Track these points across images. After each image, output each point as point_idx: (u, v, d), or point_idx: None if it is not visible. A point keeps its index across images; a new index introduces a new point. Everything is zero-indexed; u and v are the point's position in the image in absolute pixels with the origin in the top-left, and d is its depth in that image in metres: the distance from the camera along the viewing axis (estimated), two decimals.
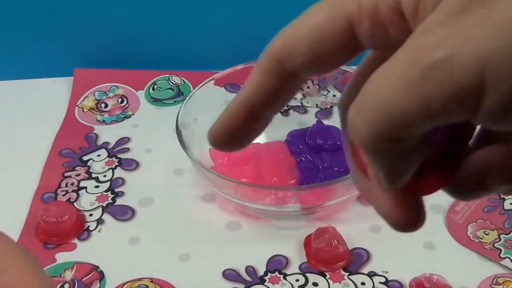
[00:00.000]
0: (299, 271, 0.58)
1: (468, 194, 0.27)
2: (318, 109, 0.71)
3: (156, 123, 0.73)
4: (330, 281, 0.57)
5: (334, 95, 0.71)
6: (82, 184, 0.67)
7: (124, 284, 0.57)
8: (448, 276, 0.57)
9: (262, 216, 0.63)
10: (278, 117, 0.71)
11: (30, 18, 0.80)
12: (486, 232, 0.60)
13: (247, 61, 0.69)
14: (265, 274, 0.58)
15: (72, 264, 0.59)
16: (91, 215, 0.64)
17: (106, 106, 0.76)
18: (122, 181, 0.67)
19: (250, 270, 0.58)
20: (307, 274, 0.58)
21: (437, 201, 0.63)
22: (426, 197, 0.26)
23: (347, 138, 0.28)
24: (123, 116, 0.75)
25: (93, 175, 0.68)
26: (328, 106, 0.71)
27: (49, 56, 0.82)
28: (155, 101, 0.76)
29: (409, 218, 0.26)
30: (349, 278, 0.57)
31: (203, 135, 0.66)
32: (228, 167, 0.63)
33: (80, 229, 0.62)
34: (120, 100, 0.77)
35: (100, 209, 0.64)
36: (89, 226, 0.63)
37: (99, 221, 0.63)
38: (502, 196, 0.63)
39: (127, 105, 0.76)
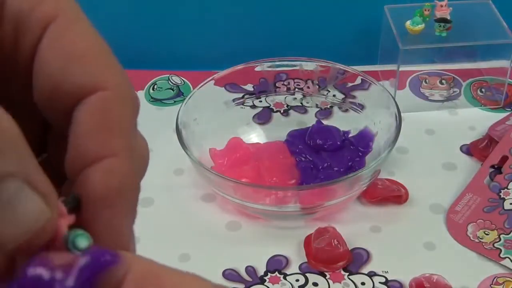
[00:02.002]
0: (299, 271, 0.58)
1: None
2: (318, 109, 0.71)
3: (156, 123, 0.73)
4: (330, 281, 0.57)
5: (334, 95, 0.71)
6: None
7: None
8: (448, 276, 0.57)
9: (262, 216, 0.63)
10: (278, 117, 0.72)
11: None
12: (486, 232, 0.60)
13: (247, 61, 0.70)
14: (265, 274, 0.58)
15: None
16: None
17: None
18: None
19: (250, 270, 0.58)
20: (307, 274, 0.58)
21: (437, 201, 0.62)
22: (426, 197, 0.26)
23: None
24: None
25: None
26: (328, 106, 0.71)
27: None
28: (155, 101, 0.76)
29: None
30: (349, 278, 0.57)
31: (203, 135, 0.67)
32: (228, 167, 0.63)
33: None
34: None
35: None
36: None
37: None
38: (502, 196, 0.63)
39: None
